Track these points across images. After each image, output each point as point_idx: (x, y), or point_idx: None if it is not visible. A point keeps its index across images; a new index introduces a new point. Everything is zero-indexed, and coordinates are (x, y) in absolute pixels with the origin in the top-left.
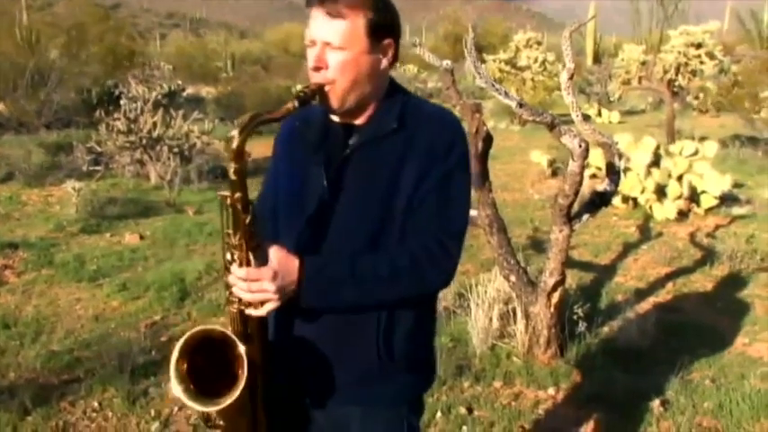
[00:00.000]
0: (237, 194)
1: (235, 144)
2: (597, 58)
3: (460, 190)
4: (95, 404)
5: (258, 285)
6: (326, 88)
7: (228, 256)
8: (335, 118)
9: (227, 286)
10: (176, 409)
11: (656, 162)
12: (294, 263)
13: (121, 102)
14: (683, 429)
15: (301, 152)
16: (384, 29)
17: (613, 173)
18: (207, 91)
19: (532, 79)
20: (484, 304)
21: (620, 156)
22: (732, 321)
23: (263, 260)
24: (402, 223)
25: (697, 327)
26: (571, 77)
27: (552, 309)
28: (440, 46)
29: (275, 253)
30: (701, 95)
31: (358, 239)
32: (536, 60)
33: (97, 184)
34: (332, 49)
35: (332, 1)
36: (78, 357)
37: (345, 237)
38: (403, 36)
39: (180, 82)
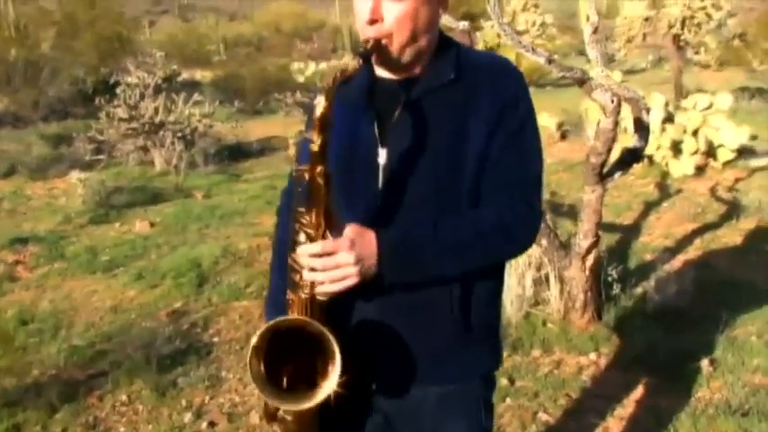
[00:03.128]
0: (320, 168)
1: (320, 111)
2: None
3: (534, 141)
4: (124, 397)
5: (335, 259)
6: (383, 42)
7: (302, 237)
8: (385, 74)
9: (294, 271)
10: (208, 398)
11: (668, 118)
12: (371, 235)
13: (117, 90)
14: (736, 388)
15: (347, 115)
16: None
17: (642, 128)
18: (202, 75)
19: (532, 43)
20: (516, 271)
21: (648, 110)
22: (767, 275)
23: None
24: (473, 180)
25: (733, 282)
26: (595, 31)
27: (587, 272)
28: None
29: (350, 227)
30: (702, 50)
31: (425, 198)
32: (534, 24)
33: (101, 174)
34: (388, 0)
35: None
36: (101, 350)
37: (411, 197)
38: None
39: (175, 67)
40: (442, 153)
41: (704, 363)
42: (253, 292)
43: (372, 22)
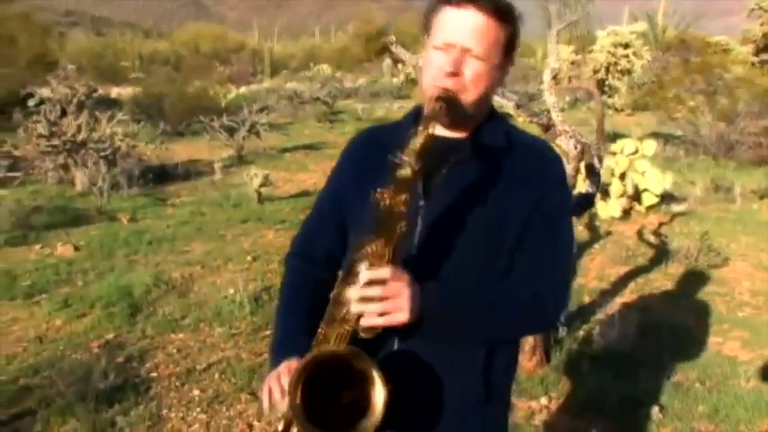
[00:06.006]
0: (404, 196)
1: (422, 139)
2: None
3: (568, 227)
4: None
5: (395, 288)
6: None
7: (364, 265)
8: (438, 130)
9: (338, 304)
10: None
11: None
12: (416, 286)
13: (30, 102)
14: None
15: (385, 166)
16: (515, 43)
17: (593, 174)
18: (117, 92)
19: None
20: None
21: (600, 158)
22: (700, 320)
23: None
24: (507, 251)
25: (669, 327)
26: (554, 77)
27: None
28: (351, 45)
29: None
30: (616, 95)
31: (462, 258)
32: None
33: (17, 192)
34: (471, 57)
35: (487, 7)
36: (27, 386)
37: (448, 256)
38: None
39: (92, 83)
40: (483, 218)
41: (654, 410)
42: (189, 324)
43: (453, 74)
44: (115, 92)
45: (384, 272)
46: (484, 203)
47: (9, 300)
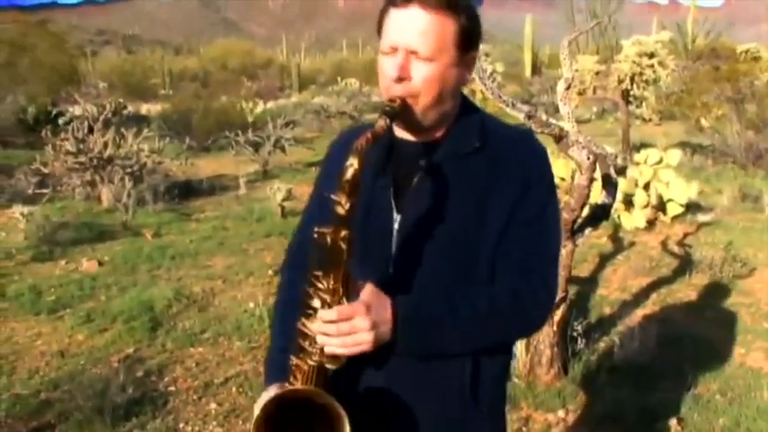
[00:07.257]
0: (344, 232)
1: (351, 173)
2: (536, 70)
3: (554, 220)
4: None
5: (350, 324)
6: (409, 101)
7: (317, 302)
8: (405, 135)
9: (304, 336)
10: None
11: (619, 171)
12: (386, 300)
13: (60, 120)
14: None
15: (364, 176)
16: (472, 40)
17: (610, 184)
18: (147, 108)
19: (482, 92)
20: None
21: (616, 168)
22: (724, 331)
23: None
24: (490, 254)
25: (692, 338)
26: (568, 87)
27: (555, 327)
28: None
29: (367, 289)
30: (644, 105)
31: (439, 269)
32: (485, 71)
33: (45, 208)
34: (418, 59)
35: (431, 3)
36: (48, 400)
37: (424, 266)
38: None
39: (121, 100)
40: (460, 225)
41: (672, 422)
42: (209, 338)
43: (400, 79)
44: (145, 108)
45: (332, 313)
46: (460, 210)
47: (34, 315)
